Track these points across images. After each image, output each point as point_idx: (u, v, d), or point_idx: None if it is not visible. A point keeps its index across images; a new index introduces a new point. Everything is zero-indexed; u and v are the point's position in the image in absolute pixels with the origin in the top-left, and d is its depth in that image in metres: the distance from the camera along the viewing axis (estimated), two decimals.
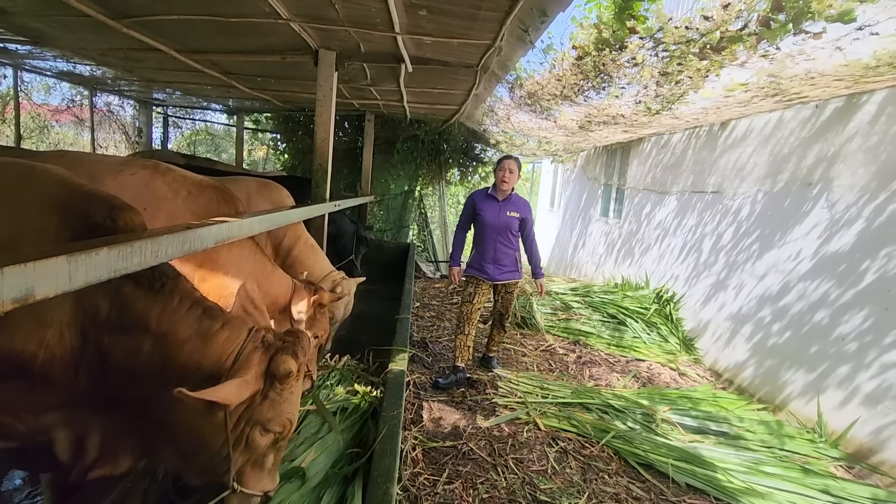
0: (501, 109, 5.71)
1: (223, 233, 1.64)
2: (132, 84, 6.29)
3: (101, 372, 1.33)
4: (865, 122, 3.32)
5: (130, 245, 1.15)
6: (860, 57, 2.37)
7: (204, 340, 1.37)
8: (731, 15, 2.09)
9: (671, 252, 5.71)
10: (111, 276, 1.09)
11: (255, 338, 1.39)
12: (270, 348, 1.37)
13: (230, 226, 1.69)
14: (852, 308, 3.27)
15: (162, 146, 8.38)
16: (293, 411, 1.41)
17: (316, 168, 3.68)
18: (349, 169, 8.07)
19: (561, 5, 2.45)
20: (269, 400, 1.34)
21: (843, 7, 1.81)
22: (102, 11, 3.01)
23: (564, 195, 10.50)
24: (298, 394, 1.44)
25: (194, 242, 1.46)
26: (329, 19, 2.96)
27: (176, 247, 1.36)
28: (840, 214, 3.45)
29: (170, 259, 1.34)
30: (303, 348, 1.39)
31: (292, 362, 1.33)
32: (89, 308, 1.31)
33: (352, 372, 3.05)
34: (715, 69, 2.66)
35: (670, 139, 5.98)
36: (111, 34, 3.41)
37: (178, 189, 1.86)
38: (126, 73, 5.47)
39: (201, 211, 1.86)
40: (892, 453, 2.88)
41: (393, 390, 2.38)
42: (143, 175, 1.84)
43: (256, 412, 1.34)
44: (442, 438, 2.86)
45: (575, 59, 3.07)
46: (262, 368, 1.34)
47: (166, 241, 1.29)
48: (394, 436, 1.96)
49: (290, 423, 1.40)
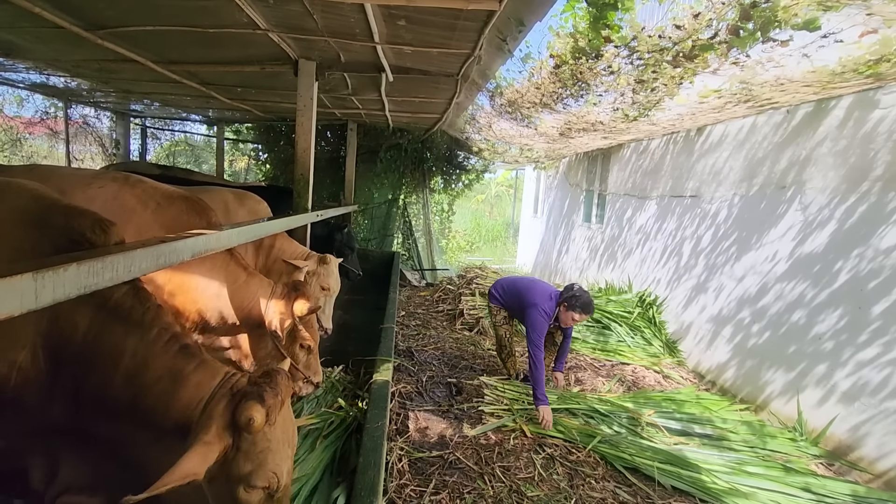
0: (483, 117, 5.76)
1: (199, 246, 1.61)
2: (108, 95, 6.20)
3: (75, 401, 1.26)
4: (834, 127, 3.42)
5: (101, 260, 1.12)
6: (826, 63, 2.45)
7: (174, 382, 1.26)
8: (701, 24, 2.14)
9: (652, 256, 5.79)
10: (81, 292, 1.06)
11: (227, 384, 1.26)
12: (237, 396, 1.20)
13: (207, 238, 1.66)
14: (827, 308, 3.35)
15: (140, 158, 8.25)
16: (279, 462, 1.22)
17: (297, 178, 3.65)
18: (332, 178, 8.04)
19: (537, 15, 2.48)
20: (243, 452, 1.17)
21: (807, 16, 1.87)
22: (76, 23, 2.96)
23: (547, 201, 10.59)
24: (286, 442, 1.26)
25: (169, 256, 1.43)
26: (308, 29, 2.96)
27: (150, 261, 1.33)
28: (813, 216, 3.54)
29: (143, 274, 1.31)
30: (274, 389, 1.23)
31: (256, 409, 1.15)
32: (65, 331, 1.26)
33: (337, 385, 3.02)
34: (688, 76, 2.72)
35: (649, 145, 6.09)
36: (85, 46, 3.36)
37: (147, 201, 1.83)
38: (102, 85, 5.39)
39: (171, 223, 1.83)
40: (869, 449, 2.94)
41: (377, 401, 2.36)
42: (111, 188, 1.81)
43: (233, 468, 1.17)
44: (428, 448, 2.84)
45: (553, 68, 3.12)
46: (227, 420, 1.18)
47: (139, 255, 1.26)
48: (378, 448, 1.94)
49: (277, 476, 1.22)
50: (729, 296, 4.36)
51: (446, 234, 9.46)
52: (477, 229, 18.69)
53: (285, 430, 1.27)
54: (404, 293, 6.73)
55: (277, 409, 1.22)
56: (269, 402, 1.20)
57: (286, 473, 1.26)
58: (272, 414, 1.20)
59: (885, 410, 2.89)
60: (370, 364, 3.24)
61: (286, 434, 1.27)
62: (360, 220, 8.58)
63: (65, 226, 1.29)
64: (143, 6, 2.73)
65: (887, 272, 2.98)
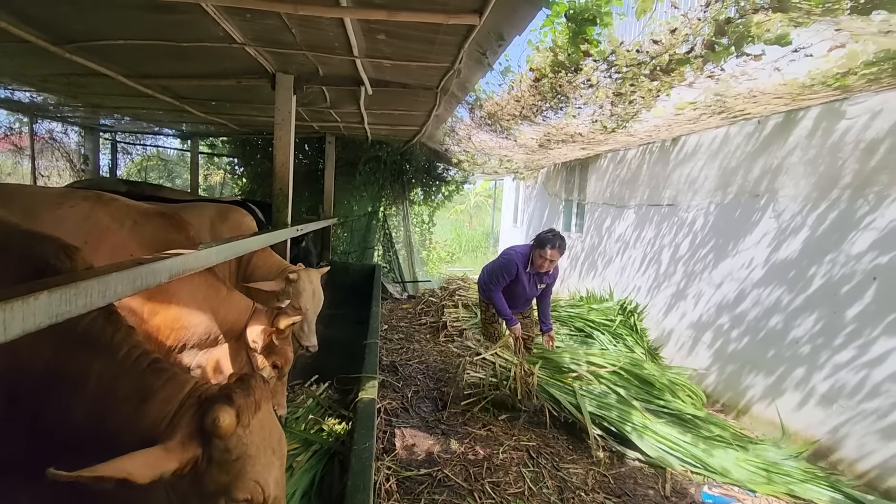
0: (462, 129, 5.78)
1: (178, 266, 1.55)
2: (76, 110, 6.01)
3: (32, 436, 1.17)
4: (804, 137, 3.53)
5: (75, 286, 1.06)
6: (796, 76, 2.53)
7: (142, 401, 1.16)
8: (678, 39, 2.19)
9: (632, 264, 5.87)
10: (53, 321, 1.00)
11: (195, 393, 1.17)
12: (205, 402, 1.12)
13: (185, 258, 1.60)
14: (803, 312, 3.43)
15: (110, 173, 8.01)
16: (261, 470, 1.13)
17: (276, 193, 3.58)
18: (310, 191, 7.94)
19: (517, 29, 2.50)
20: (216, 462, 1.07)
21: (779, 31, 1.93)
22: (43, 37, 2.86)
23: (527, 211, 10.69)
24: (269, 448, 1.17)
25: (146, 278, 1.37)
26: (286, 43, 2.92)
27: (126, 285, 1.26)
28: (787, 223, 3.64)
29: (119, 298, 1.25)
30: (246, 391, 1.15)
31: (224, 409, 1.07)
32: (26, 363, 1.17)
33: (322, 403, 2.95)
34: (665, 89, 2.78)
35: (626, 155, 6.20)
36: (53, 60, 3.24)
37: (123, 219, 1.76)
38: (70, 99, 5.22)
39: (149, 240, 1.77)
40: (848, 451, 3.00)
41: (363, 421, 2.30)
42: (83, 207, 1.74)
43: (206, 481, 1.08)
44: (416, 466, 2.78)
45: (532, 81, 3.15)
46: (193, 427, 1.09)
47: (115, 279, 1.20)
48: (366, 469, 1.88)
49: (262, 486, 1.12)
50: (708, 302, 4.43)
51: (427, 246, 9.42)
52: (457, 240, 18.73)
53: (266, 435, 1.17)
54: (386, 306, 6.66)
55: (251, 410, 1.13)
56: (239, 403, 1.11)
57: (274, 483, 1.16)
58: (244, 415, 1.11)
59: (862, 412, 2.96)
60: (353, 380, 3.18)
61: (268, 440, 1.17)
62: (340, 233, 8.49)
63: (26, 253, 1.21)
64: (114, 20, 2.65)
65: (859, 276, 3.07)
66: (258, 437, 1.14)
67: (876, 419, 2.87)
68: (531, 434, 3.32)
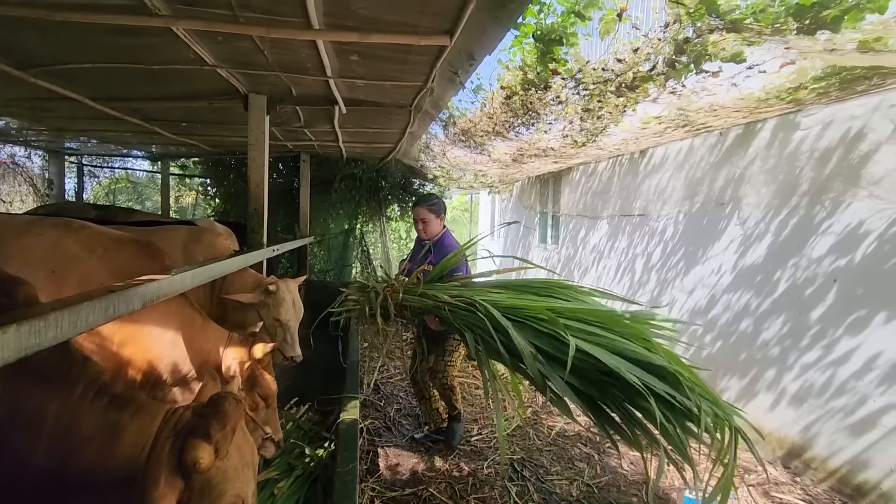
0: (437, 146, 5.85)
1: (151, 292, 1.52)
2: (41, 134, 5.85)
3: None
4: (762, 147, 3.70)
5: (44, 318, 1.03)
6: (752, 91, 2.67)
7: (112, 436, 1.14)
8: (640, 58, 2.29)
9: (608, 273, 5.98)
10: (20, 355, 0.96)
11: (169, 422, 1.16)
12: (181, 433, 1.12)
13: (159, 284, 1.57)
14: (771, 315, 3.56)
15: (77, 197, 7.78)
16: (241, 486, 1.15)
17: (251, 213, 3.55)
18: (286, 210, 7.87)
19: (487, 49, 2.57)
20: (198, 490, 1.10)
21: (734, 49, 2.04)
22: (5, 62, 2.80)
23: None
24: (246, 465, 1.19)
25: (119, 306, 1.34)
26: (258, 65, 2.93)
27: (98, 314, 1.23)
28: (751, 230, 3.79)
29: (91, 329, 1.22)
30: (220, 420, 1.13)
31: (202, 448, 1.07)
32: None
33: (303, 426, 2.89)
34: (631, 105, 2.89)
35: (597, 167, 6.36)
36: (16, 84, 3.17)
37: (93, 247, 1.72)
38: (33, 123, 5.09)
39: (120, 268, 1.73)
40: (820, 449, 3.10)
41: (346, 442, 2.27)
42: (51, 235, 1.69)
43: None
44: (401, 487, 2.75)
45: (504, 98, 3.23)
46: (174, 464, 1.09)
47: (86, 309, 1.17)
48: (350, 493, 1.86)
49: (242, 497, 1.16)
50: (681, 308, 4.55)
51: None
52: None
53: (242, 454, 1.20)
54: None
55: (228, 440, 1.14)
56: (217, 437, 1.11)
57: (251, 494, 1.21)
58: (222, 448, 1.12)
59: (830, 410, 3.06)
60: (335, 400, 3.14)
61: (244, 458, 1.21)
62: (317, 252, 8.42)
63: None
64: (80, 44, 2.62)
65: (820, 279, 3.21)
66: (235, 458, 1.17)
67: (843, 416, 2.98)
68: (515, 447, 3.32)
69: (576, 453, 3.31)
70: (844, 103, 3.05)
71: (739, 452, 3.41)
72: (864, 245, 2.95)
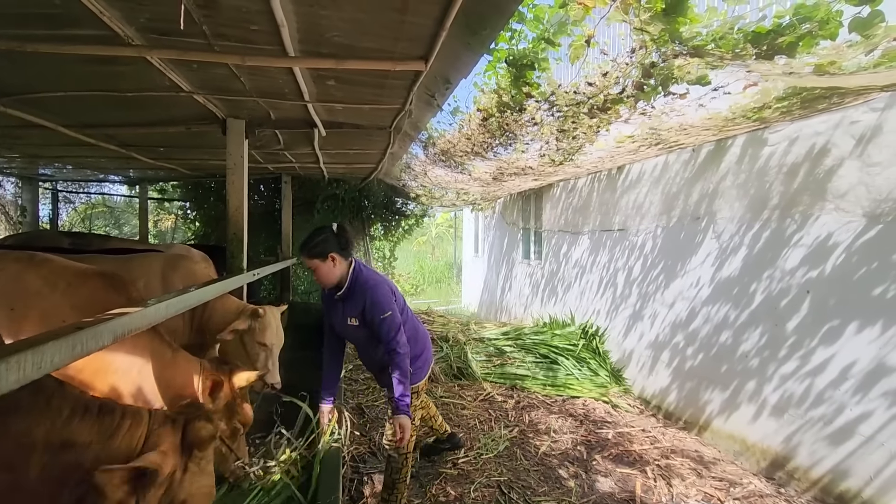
0: (418, 165, 5.89)
1: (122, 327, 1.48)
2: (13, 161, 5.74)
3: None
4: (734, 163, 3.81)
5: (5, 361, 1.00)
6: (719, 111, 2.76)
7: (109, 438, 1.27)
8: (610, 81, 2.36)
9: (590, 288, 6.04)
10: None
11: (157, 417, 1.33)
12: (179, 420, 1.33)
13: (130, 318, 1.53)
14: (749, 327, 3.62)
15: (51, 224, 7.62)
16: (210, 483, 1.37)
17: (231, 238, 3.51)
18: (268, 232, 7.81)
19: (462, 74, 2.62)
20: (189, 473, 1.29)
21: (698, 73, 2.11)
22: None
23: (487, 241, 10.86)
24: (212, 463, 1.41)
25: (88, 343, 1.30)
26: (235, 90, 2.93)
27: (64, 353, 1.20)
28: (727, 244, 3.87)
29: (57, 368, 1.19)
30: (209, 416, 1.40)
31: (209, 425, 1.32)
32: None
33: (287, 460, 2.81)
34: (604, 125, 2.96)
35: (577, 184, 6.46)
36: None
37: (56, 282, 1.68)
38: (5, 151, 5.00)
39: (84, 303, 1.68)
40: (802, 459, 3.13)
41: (329, 471, 2.22)
42: (12, 270, 1.65)
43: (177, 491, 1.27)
44: None
45: (481, 120, 3.28)
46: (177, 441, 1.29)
47: (51, 349, 1.14)
48: None
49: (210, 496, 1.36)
50: (663, 322, 4.60)
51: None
52: (421, 271, 18.73)
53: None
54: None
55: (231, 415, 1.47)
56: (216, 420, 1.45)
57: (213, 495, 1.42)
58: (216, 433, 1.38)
59: (810, 420, 3.11)
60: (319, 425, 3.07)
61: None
62: (301, 273, 8.34)
63: None
64: (52, 72, 2.60)
65: (794, 290, 3.28)
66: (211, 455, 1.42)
67: (823, 426, 3.03)
68: (502, 469, 3.29)
69: (563, 473, 3.29)
70: (808, 120, 3.17)
71: (725, 466, 3.45)
72: (834, 257, 3.03)
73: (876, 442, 2.73)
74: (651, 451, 3.63)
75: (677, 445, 3.75)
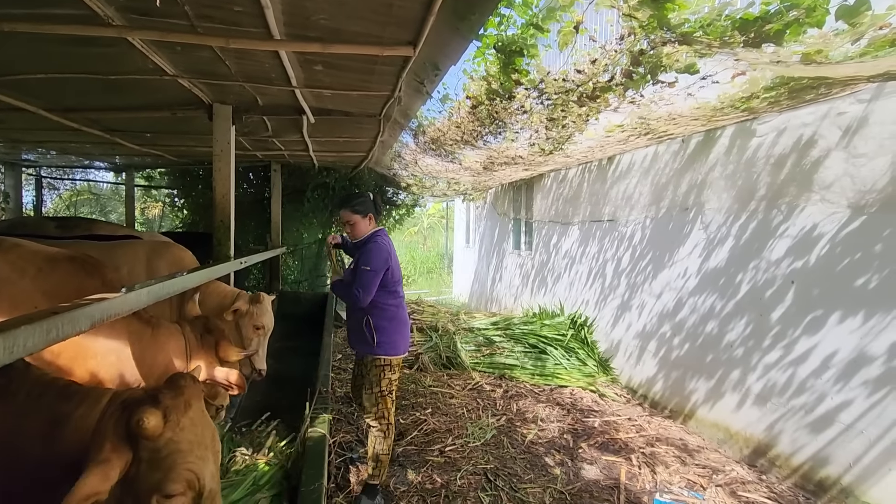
0: (408, 154, 5.85)
1: (101, 312, 1.46)
2: None
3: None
4: (722, 154, 3.82)
5: None
6: (708, 100, 2.75)
7: (59, 427, 1.17)
8: (599, 68, 2.35)
9: (580, 279, 6.06)
10: None
11: (115, 401, 1.17)
12: (130, 406, 1.13)
13: (110, 304, 1.50)
14: (735, 317, 3.65)
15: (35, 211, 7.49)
16: (194, 461, 1.12)
17: (218, 225, 3.48)
18: (257, 221, 7.74)
19: (451, 60, 2.59)
20: (146, 462, 1.08)
21: (687, 61, 2.11)
22: None
23: (478, 231, 10.85)
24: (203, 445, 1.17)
25: (64, 328, 1.28)
26: (221, 75, 2.88)
27: (38, 338, 1.18)
28: (714, 234, 3.90)
29: (31, 353, 1.17)
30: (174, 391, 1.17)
31: (150, 412, 1.07)
32: None
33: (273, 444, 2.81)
34: (593, 114, 2.95)
35: (567, 174, 6.46)
36: None
37: (25, 267, 1.64)
38: None
39: (55, 289, 1.65)
40: (784, 446, 3.19)
41: (313, 459, 2.22)
42: None
43: (138, 482, 1.07)
44: None
45: (470, 108, 3.25)
46: (121, 432, 1.10)
47: (24, 333, 1.12)
48: None
49: (197, 475, 1.11)
50: (650, 312, 4.63)
51: None
52: (412, 261, 18.71)
53: (199, 432, 1.18)
54: (340, 334, 6.51)
55: (180, 409, 1.15)
56: (167, 403, 1.13)
57: (209, 476, 1.15)
58: (171, 414, 1.12)
59: (792, 408, 3.15)
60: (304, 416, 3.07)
61: (201, 437, 1.18)
62: (290, 262, 8.29)
63: None
64: (32, 54, 2.53)
65: (779, 281, 3.31)
66: (190, 433, 1.15)
67: (804, 414, 3.07)
68: (489, 456, 3.31)
69: (549, 460, 3.32)
70: (796, 111, 3.18)
71: (708, 453, 3.49)
72: (818, 247, 3.06)
73: (855, 430, 2.78)
74: (636, 440, 3.67)
75: (662, 434, 3.80)
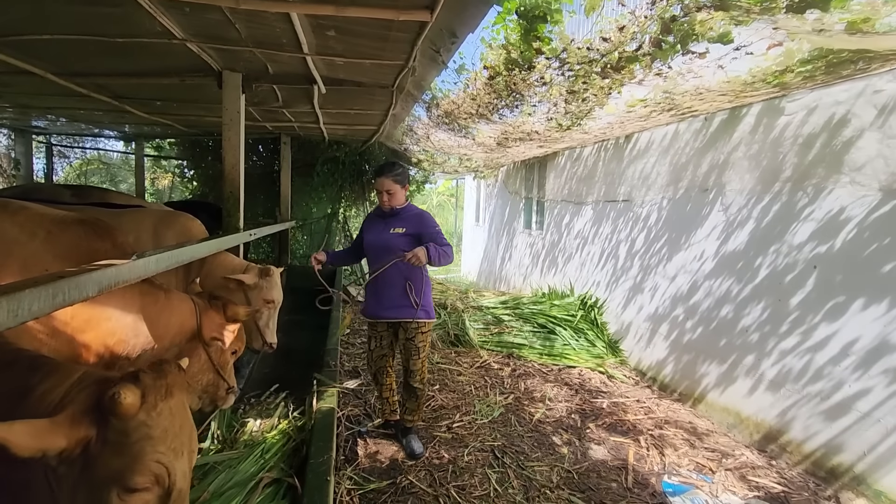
0: (420, 128, 5.73)
1: (108, 278, 1.43)
2: (4, 111, 5.58)
3: None
4: (747, 132, 3.68)
5: None
6: (739, 74, 2.62)
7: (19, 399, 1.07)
8: (626, 37, 2.22)
9: (591, 259, 5.98)
10: None
11: (87, 378, 1.09)
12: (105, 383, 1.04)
13: (118, 270, 1.47)
14: (752, 301, 3.57)
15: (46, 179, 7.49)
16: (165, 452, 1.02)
17: (227, 196, 3.43)
18: (266, 194, 7.70)
19: (469, 27, 2.47)
20: (111, 444, 0.97)
21: (721, 29, 1.99)
22: None
23: (488, 210, 10.74)
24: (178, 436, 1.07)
25: (70, 293, 1.25)
26: (231, 40, 2.79)
27: (44, 302, 1.14)
28: (734, 216, 3.78)
29: (37, 317, 1.14)
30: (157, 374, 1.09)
31: (129, 388, 0.98)
32: None
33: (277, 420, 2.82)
34: (616, 87, 2.83)
35: (582, 152, 6.31)
36: None
37: (35, 230, 1.60)
38: None
39: (65, 251, 1.62)
40: (796, 433, 3.14)
41: (321, 432, 2.21)
42: None
43: (99, 467, 0.97)
44: (379, 476, 2.72)
45: (487, 79, 3.13)
46: (87, 405, 1.00)
47: (29, 296, 1.08)
48: (323, 486, 1.80)
49: (167, 468, 1.02)
50: (663, 294, 4.56)
51: None
52: None
53: (176, 424, 1.08)
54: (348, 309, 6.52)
55: (160, 393, 1.06)
56: (147, 383, 1.04)
57: (181, 475, 1.05)
58: (150, 395, 1.03)
59: (807, 395, 3.10)
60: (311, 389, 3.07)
61: (178, 429, 1.08)
62: (299, 236, 8.28)
63: None
64: (37, 14, 2.46)
65: (801, 266, 3.22)
66: (166, 420, 1.05)
67: (819, 401, 3.02)
68: (496, 434, 3.31)
69: (556, 440, 3.31)
70: (829, 88, 3.03)
71: (718, 437, 3.47)
72: (845, 232, 2.96)
73: (873, 418, 2.72)
74: (645, 422, 3.65)
75: (671, 416, 3.77)
